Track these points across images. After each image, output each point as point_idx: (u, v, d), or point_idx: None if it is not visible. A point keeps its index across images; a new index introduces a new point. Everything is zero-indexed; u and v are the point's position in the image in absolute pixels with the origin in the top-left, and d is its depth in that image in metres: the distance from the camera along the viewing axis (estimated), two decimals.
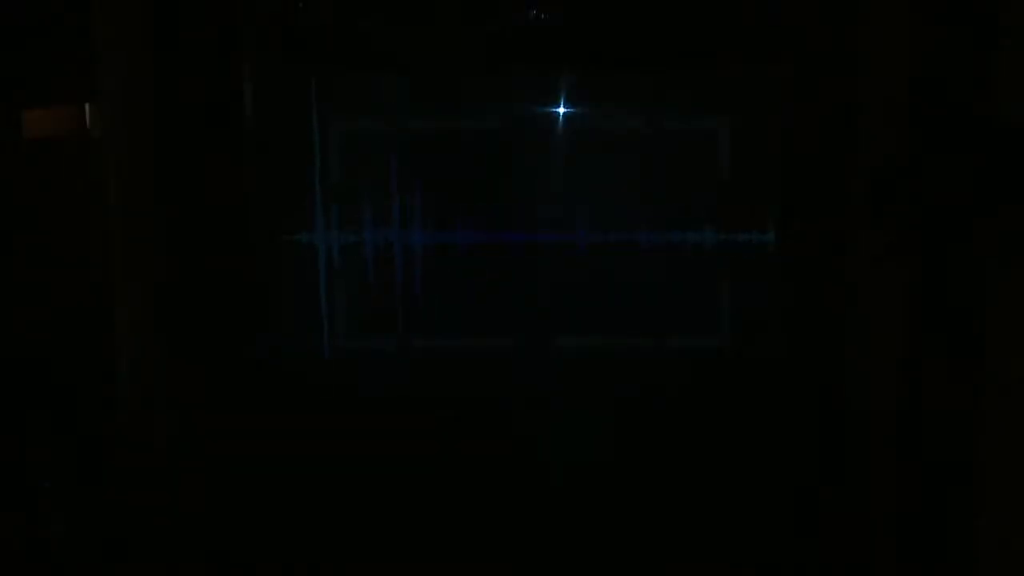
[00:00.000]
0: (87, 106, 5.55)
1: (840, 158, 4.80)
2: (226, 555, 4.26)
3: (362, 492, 4.90)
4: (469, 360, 6.18)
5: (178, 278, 5.33)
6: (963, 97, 4.06)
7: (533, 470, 5.28)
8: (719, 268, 6.08)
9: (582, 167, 6.06)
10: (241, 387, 5.87)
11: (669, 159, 6.01)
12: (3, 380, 4.99)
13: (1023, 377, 3.20)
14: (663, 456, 5.42)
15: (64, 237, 5.48)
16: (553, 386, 6.11)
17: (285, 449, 5.37)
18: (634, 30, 5.81)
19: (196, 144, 5.82)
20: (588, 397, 6.10)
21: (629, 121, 6.09)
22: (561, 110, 6.01)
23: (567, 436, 5.87)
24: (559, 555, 4.34)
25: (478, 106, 6.10)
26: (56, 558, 4.12)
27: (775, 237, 5.99)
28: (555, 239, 6.14)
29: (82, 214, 5.38)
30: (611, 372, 6.08)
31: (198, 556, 4.25)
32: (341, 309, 6.27)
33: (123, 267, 4.65)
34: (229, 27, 5.85)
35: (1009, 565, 3.32)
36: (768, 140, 5.89)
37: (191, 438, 4.82)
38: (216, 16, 5.83)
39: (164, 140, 4.78)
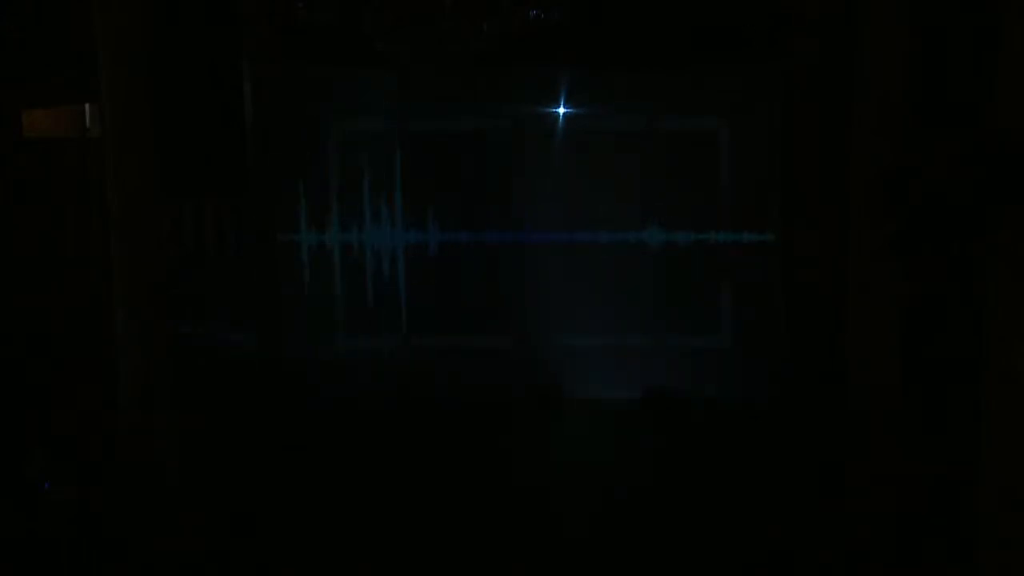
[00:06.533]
0: (87, 106, 5.55)
1: (840, 158, 4.80)
2: (226, 554, 4.25)
3: (361, 491, 4.90)
4: (468, 359, 6.18)
5: (179, 278, 5.33)
6: (964, 97, 4.07)
7: (531, 470, 5.28)
8: (719, 268, 6.09)
9: (583, 167, 6.06)
10: (239, 386, 5.88)
11: (669, 159, 6.02)
12: (3, 380, 4.98)
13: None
14: (661, 454, 5.42)
15: (64, 237, 5.48)
16: (552, 385, 6.11)
17: (284, 448, 5.37)
18: (634, 30, 5.82)
19: (195, 143, 5.83)
20: (587, 396, 6.10)
21: (629, 121, 6.10)
22: (561, 110, 6.02)
23: (566, 435, 5.87)
24: (559, 556, 4.33)
25: (478, 106, 6.11)
26: (56, 558, 4.11)
27: (775, 237, 6.01)
28: (554, 239, 6.14)
29: (82, 214, 5.38)
30: (611, 371, 6.09)
31: (197, 555, 4.24)
32: (340, 309, 6.26)
33: (123, 267, 4.64)
34: (229, 27, 5.85)
35: (1010, 565, 3.32)
36: (768, 140, 5.90)
37: (190, 437, 4.81)
38: (216, 16, 5.83)
39: (164, 140, 4.78)
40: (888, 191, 4.23)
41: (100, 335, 4.91)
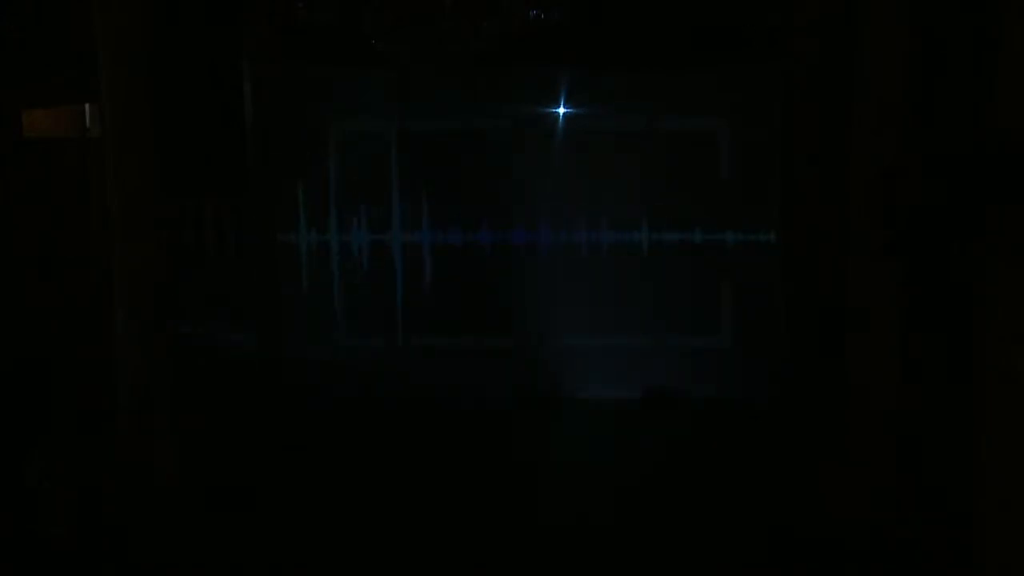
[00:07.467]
0: (87, 106, 5.55)
1: (840, 157, 4.79)
2: (226, 552, 4.25)
3: (361, 491, 4.90)
4: (467, 359, 6.18)
5: (179, 278, 5.33)
6: (964, 97, 4.06)
7: (532, 469, 5.28)
8: (719, 268, 6.09)
9: (583, 167, 6.06)
10: (239, 386, 5.88)
11: (669, 159, 6.03)
12: (4, 380, 4.98)
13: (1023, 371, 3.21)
14: (661, 454, 5.41)
15: (64, 237, 5.48)
16: (552, 385, 6.11)
17: (284, 448, 5.37)
18: (634, 30, 5.82)
19: (196, 143, 5.83)
20: (586, 396, 6.11)
21: (629, 121, 6.10)
22: (561, 110, 6.02)
23: (566, 435, 5.87)
24: (560, 556, 4.34)
25: (478, 106, 6.11)
26: (56, 558, 4.11)
27: (775, 237, 6.02)
28: (554, 239, 6.14)
29: (82, 214, 5.38)
30: (611, 371, 6.09)
31: (198, 554, 4.24)
32: (340, 309, 6.26)
33: (123, 267, 4.63)
34: (229, 27, 5.86)
35: (1010, 565, 3.32)
36: (768, 140, 5.91)
37: (190, 437, 4.81)
38: (216, 16, 5.83)
39: (164, 140, 4.78)
40: (888, 191, 4.23)
41: (100, 335, 4.90)
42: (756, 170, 5.95)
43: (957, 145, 4.01)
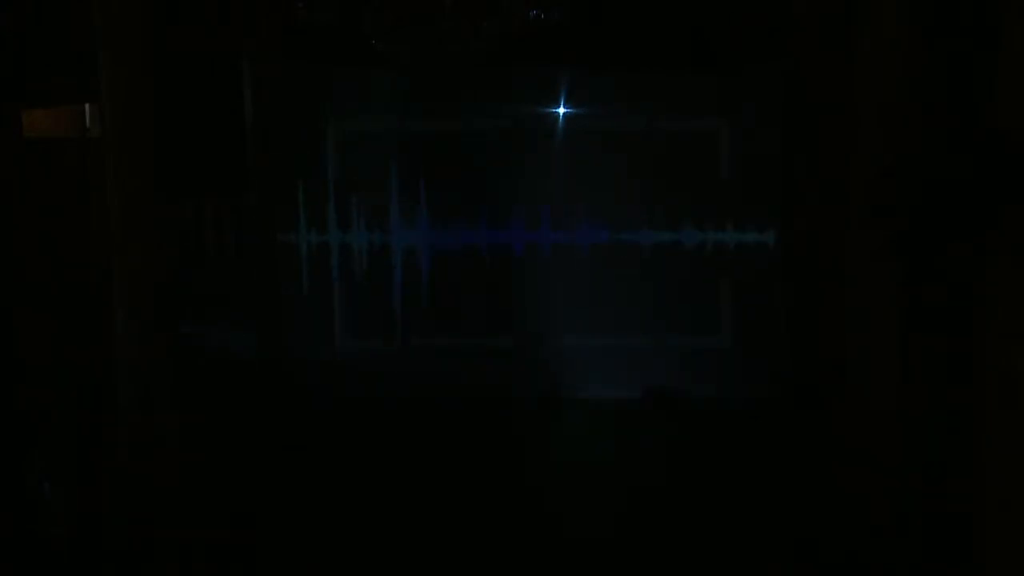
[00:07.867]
0: (87, 106, 5.55)
1: (839, 158, 4.80)
2: (226, 555, 4.25)
3: (362, 491, 4.91)
4: (468, 360, 6.18)
5: (179, 278, 5.33)
6: (964, 97, 4.07)
7: (532, 469, 5.28)
8: (719, 268, 6.09)
9: (583, 167, 6.06)
10: (239, 386, 5.88)
11: (669, 159, 6.03)
12: (4, 380, 4.98)
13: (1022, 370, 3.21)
14: (660, 454, 5.42)
15: (64, 237, 5.48)
16: (552, 385, 6.11)
17: (284, 448, 5.38)
18: (634, 30, 5.82)
19: (196, 143, 5.83)
20: (586, 396, 6.11)
21: (629, 121, 6.10)
22: (561, 110, 6.02)
23: (566, 435, 5.87)
24: (560, 557, 4.34)
25: (478, 106, 6.11)
26: (56, 558, 4.11)
27: (775, 237, 6.02)
28: (554, 239, 6.14)
29: (82, 214, 5.38)
30: (611, 371, 6.09)
31: (198, 556, 4.25)
32: (341, 309, 6.26)
33: (123, 267, 4.64)
34: (229, 27, 5.86)
35: (1010, 565, 3.33)
36: (768, 140, 5.91)
37: (190, 437, 4.82)
38: (216, 16, 5.83)
39: (164, 140, 4.78)
40: (888, 191, 4.23)
41: (100, 335, 4.91)
42: (756, 170, 5.95)
43: (957, 145, 4.02)
